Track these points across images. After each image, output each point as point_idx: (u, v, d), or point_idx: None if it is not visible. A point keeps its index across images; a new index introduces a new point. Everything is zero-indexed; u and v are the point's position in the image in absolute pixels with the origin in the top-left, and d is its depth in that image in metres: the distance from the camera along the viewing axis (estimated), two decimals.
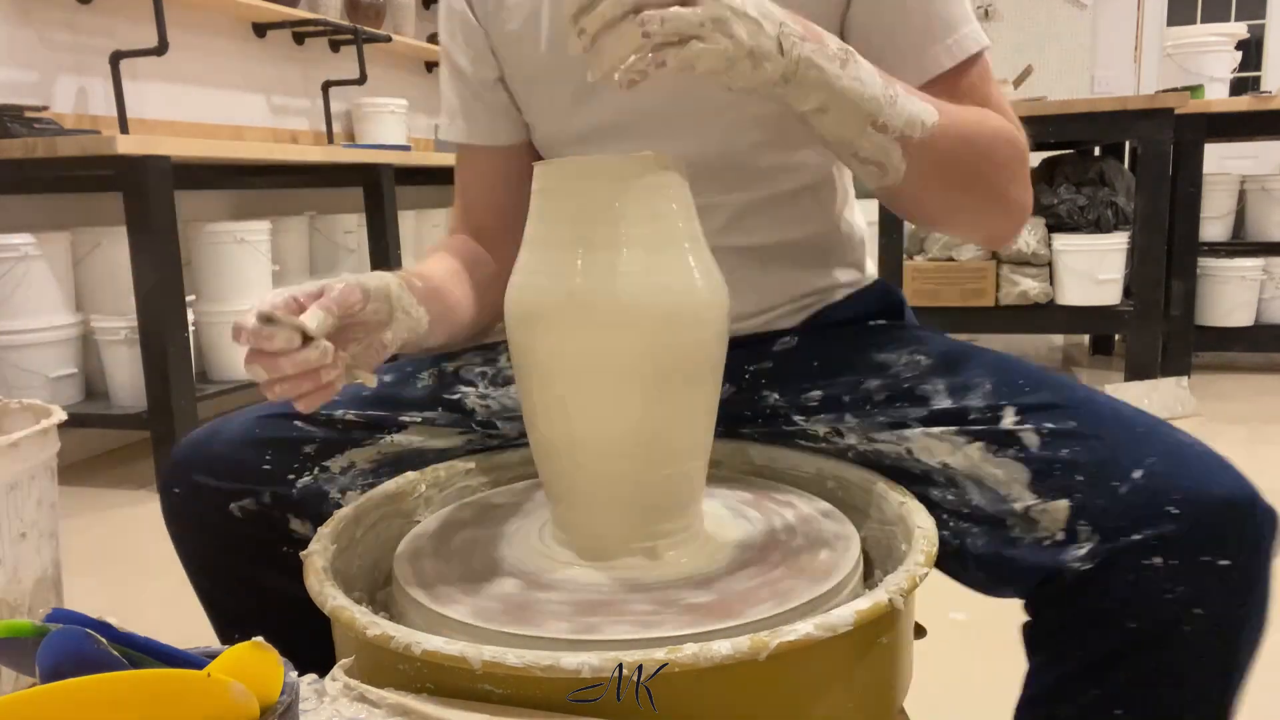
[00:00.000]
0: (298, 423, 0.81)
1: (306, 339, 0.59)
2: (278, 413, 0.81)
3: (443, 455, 0.85)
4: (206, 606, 0.84)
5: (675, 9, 0.56)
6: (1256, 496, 0.60)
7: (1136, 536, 0.59)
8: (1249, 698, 0.63)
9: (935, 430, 0.72)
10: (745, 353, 0.84)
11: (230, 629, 0.82)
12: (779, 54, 0.61)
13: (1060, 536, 0.63)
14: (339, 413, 0.82)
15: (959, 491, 0.70)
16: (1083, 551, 0.61)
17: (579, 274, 0.60)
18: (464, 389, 0.86)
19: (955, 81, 0.76)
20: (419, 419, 0.84)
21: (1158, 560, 0.59)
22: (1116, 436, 0.64)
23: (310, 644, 0.79)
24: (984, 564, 0.68)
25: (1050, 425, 0.67)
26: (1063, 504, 0.63)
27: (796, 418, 0.81)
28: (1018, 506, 0.65)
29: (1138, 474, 0.61)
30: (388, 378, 0.87)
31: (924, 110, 0.69)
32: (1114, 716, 0.62)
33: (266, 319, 0.58)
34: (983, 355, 0.77)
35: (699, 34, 0.56)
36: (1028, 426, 0.67)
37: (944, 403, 0.72)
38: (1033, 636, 0.68)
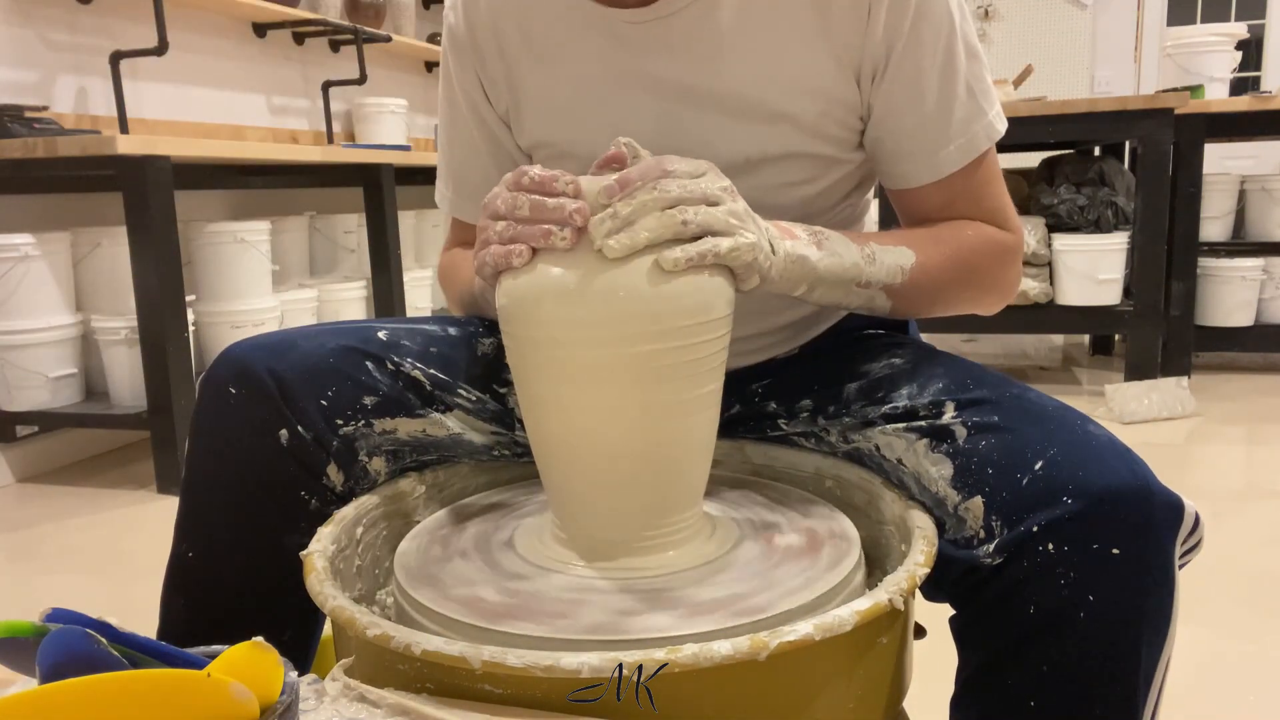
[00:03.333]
0: (369, 364, 0.79)
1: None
2: (353, 346, 0.79)
3: (475, 452, 0.85)
4: (189, 538, 0.77)
5: (705, 207, 0.61)
6: (1151, 486, 0.61)
7: (1034, 526, 0.61)
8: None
9: (889, 428, 0.74)
10: (750, 373, 0.87)
11: (204, 583, 0.76)
12: (771, 253, 0.66)
13: (982, 534, 0.64)
14: (406, 365, 0.80)
15: (906, 491, 0.73)
16: (992, 546, 0.63)
17: (579, 265, 0.60)
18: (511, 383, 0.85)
19: (952, 180, 0.80)
20: (470, 400, 0.83)
21: (1051, 547, 0.60)
22: (1028, 431, 0.66)
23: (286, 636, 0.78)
24: None
25: (976, 419, 0.69)
26: (978, 501, 0.65)
27: (782, 422, 0.83)
28: (949, 506, 0.68)
29: (1039, 466, 0.63)
30: (453, 330, 0.86)
31: (901, 256, 0.76)
32: (1029, 707, 0.62)
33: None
34: (947, 360, 0.79)
35: (724, 230, 0.62)
36: (958, 420, 0.70)
37: (902, 402, 0.75)
38: (957, 630, 0.69)
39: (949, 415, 0.71)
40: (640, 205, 0.60)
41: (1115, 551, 0.59)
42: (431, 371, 0.81)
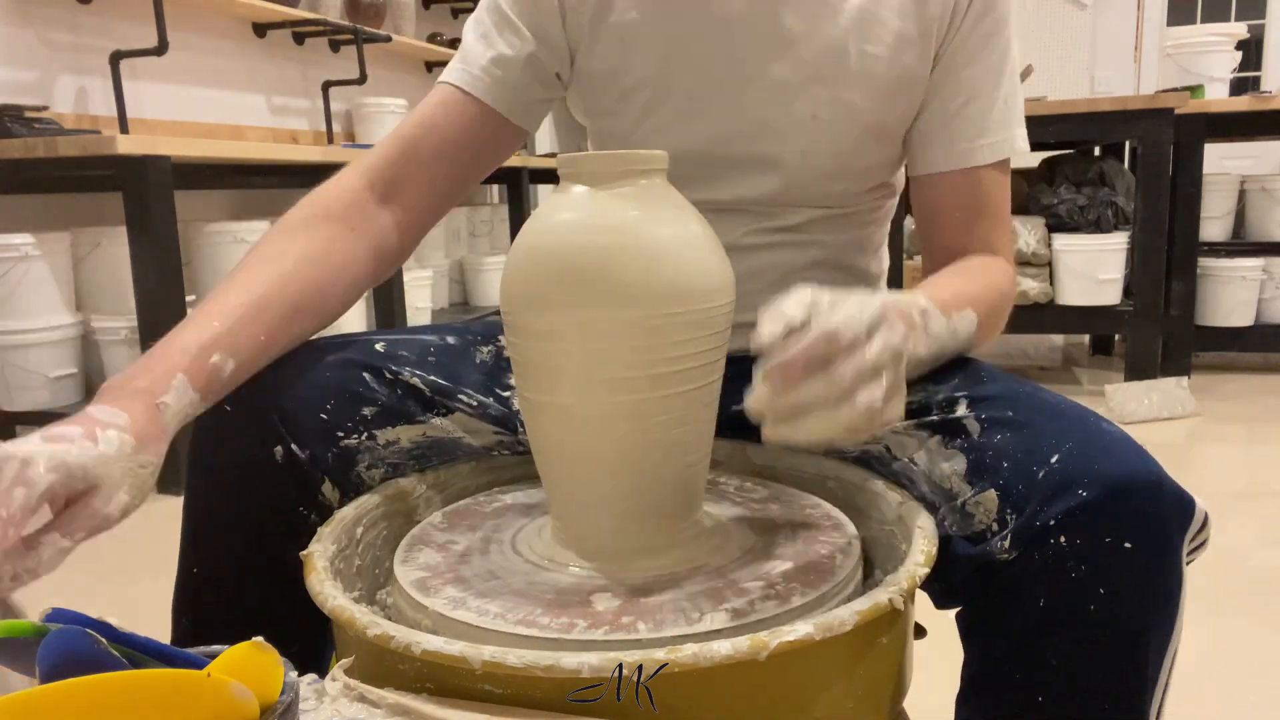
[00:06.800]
0: (366, 375, 0.78)
1: None
2: (350, 359, 0.79)
3: (475, 453, 0.85)
4: (193, 557, 0.77)
5: (871, 394, 0.57)
6: (1163, 481, 0.61)
7: (1050, 519, 0.61)
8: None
9: (900, 426, 0.74)
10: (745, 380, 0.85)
11: (210, 599, 0.77)
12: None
13: (994, 527, 0.64)
14: (405, 373, 0.80)
15: (914, 490, 0.72)
16: (1006, 541, 0.62)
17: (580, 256, 0.60)
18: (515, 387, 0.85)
19: (976, 175, 0.87)
20: (472, 405, 0.83)
21: (1063, 539, 0.60)
22: (1043, 425, 0.66)
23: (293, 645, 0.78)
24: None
25: (990, 414, 0.69)
26: (991, 494, 0.65)
27: None
28: (959, 501, 0.67)
29: (1055, 459, 0.63)
30: (450, 339, 0.86)
31: (969, 321, 0.78)
32: (1036, 702, 0.62)
33: None
34: (958, 359, 0.79)
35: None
36: (972, 415, 0.70)
37: (915, 396, 0.74)
38: (963, 625, 0.69)
39: (962, 410, 0.71)
40: (811, 397, 0.57)
41: (1127, 545, 0.59)
42: (431, 378, 0.81)
